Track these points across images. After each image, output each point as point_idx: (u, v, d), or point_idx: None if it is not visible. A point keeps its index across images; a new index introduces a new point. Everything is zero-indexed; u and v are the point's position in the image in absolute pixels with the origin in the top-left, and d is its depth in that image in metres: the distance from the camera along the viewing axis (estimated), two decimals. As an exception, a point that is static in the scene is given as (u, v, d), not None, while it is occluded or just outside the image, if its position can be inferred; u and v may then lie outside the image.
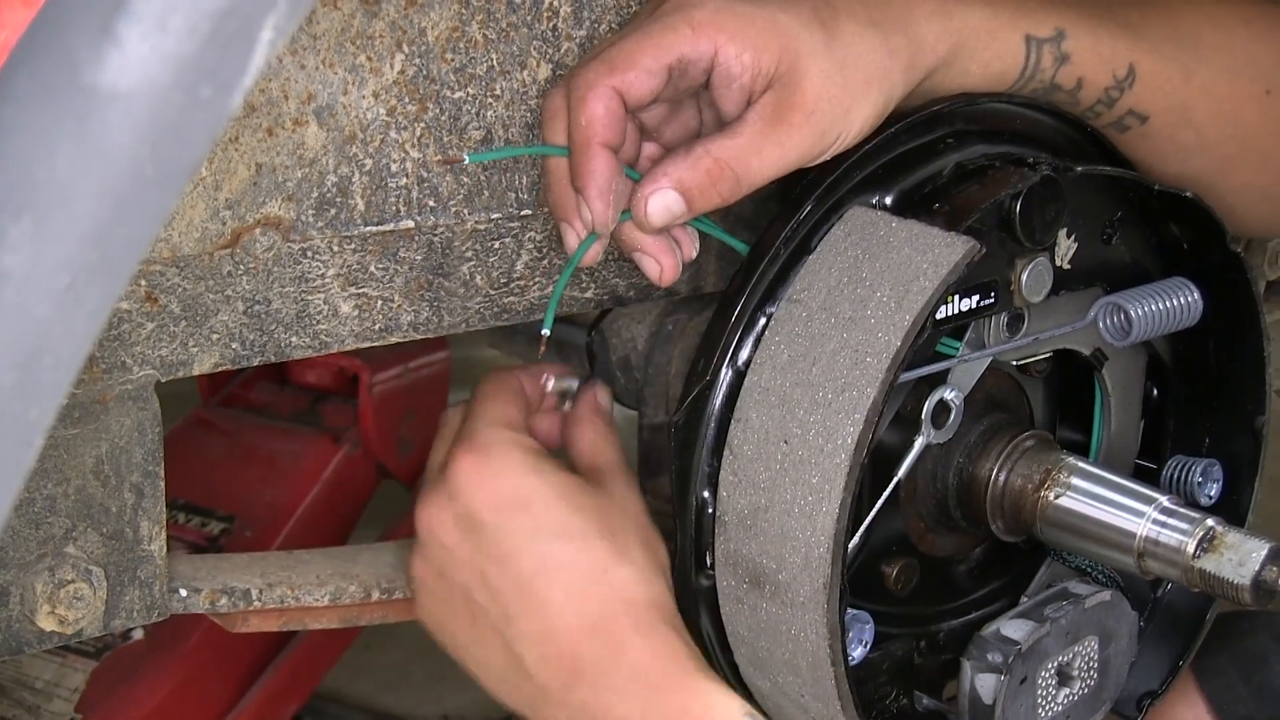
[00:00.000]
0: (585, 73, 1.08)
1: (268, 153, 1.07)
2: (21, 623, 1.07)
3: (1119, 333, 1.24)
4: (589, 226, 1.11)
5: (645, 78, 1.07)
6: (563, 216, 1.13)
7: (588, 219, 1.10)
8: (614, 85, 1.07)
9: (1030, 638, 1.19)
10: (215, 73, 0.57)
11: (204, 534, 1.92)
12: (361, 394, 2.07)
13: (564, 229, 1.14)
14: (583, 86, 1.07)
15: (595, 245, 1.13)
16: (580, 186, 1.10)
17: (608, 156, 1.08)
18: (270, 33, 0.58)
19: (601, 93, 1.07)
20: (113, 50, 0.56)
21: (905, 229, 1.11)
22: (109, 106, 0.56)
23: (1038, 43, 1.17)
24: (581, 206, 1.10)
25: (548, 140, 1.13)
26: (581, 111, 1.07)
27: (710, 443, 1.14)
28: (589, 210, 1.10)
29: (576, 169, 1.09)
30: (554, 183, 1.13)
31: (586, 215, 1.10)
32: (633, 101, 1.08)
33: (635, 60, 1.07)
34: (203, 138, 0.59)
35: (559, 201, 1.13)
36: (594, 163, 1.08)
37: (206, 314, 1.08)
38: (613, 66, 1.07)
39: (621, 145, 1.10)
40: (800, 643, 1.10)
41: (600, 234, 1.12)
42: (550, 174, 1.13)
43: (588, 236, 1.13)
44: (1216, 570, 1.13)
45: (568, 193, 1.12)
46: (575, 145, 1.09)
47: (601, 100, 1.07)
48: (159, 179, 0.58)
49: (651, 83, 1.07)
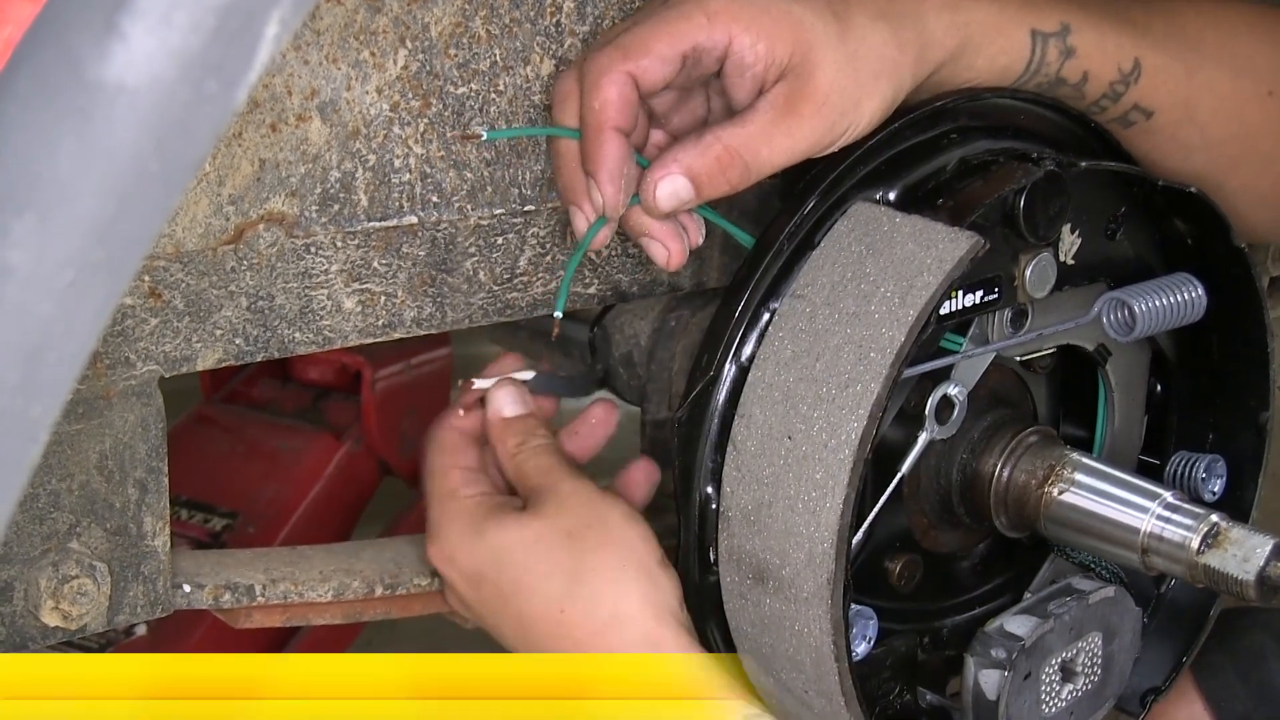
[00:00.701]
0: (600, 57, 1.08)
1: (271, 148, 1.07)
2: (25, 618, 1.07)
3: (1123, 328, 1.24)
4: (599, 210, 1.11)
5: (659, 64, 1.07)
6: (572, 200, 1.13)
7: (598, 202, 1.10)
8: (628, 70, 1.07)
9: (1034, 634, 1.19)
10: (220, 68, 0.57)
11: (207, 530, 1.91)
12: (364, 390, 2.07)
13: (573, 212, 1.14)
14: (597, 71, 1.07)
15: (604, 229, 1.13)
16: (592, 170, 1.10)
17: (620, 140, 1.08)
18: (275, 28, 0.58)
19: (616, 78, 1.07)
20: (117, 45, 0.56)
21: (909, 224, 1.11)
22: (113, 102, 0.56)
23: (1043, 37, 1.17)
24: (592, 189, 1.10)
25: (557, 122, 1.13)
26: (595, 95, 1.07)
27: (714, 438, 1.13)
28: (600, 194, 1.10)
29: (588, 152, 1.09)
30: (564, 165, 1.13)
31: (597, 198, 1.10)
32: (646, 88, 1.08)
33: (650, 47, 1.07)
34: (207, 133, 0.59)
35: (569, 184, 1.13)
36: (606, 146, 1.08)
37: (210, 310, 1.08)
38: (628, 52, 1.07)
39: (634, 130, 1.10)
40: (804, 639, 1.09)
41: (610, 218, 1.12)
42: (561, 156, 1.13)
43: (596, 220, 1.12)
44: (1221, 566, 1.12)
45: (578, 176, 1.12)
46: (588, 128, 1.09)
47: (616, 85, 1.07)
48: (163, 175, 0.58)
49: (665, 70, 1.07)
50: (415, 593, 1.25)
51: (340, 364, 2.12)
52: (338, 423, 2.10)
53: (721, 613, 1.16)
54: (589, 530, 1.16)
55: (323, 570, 1.23)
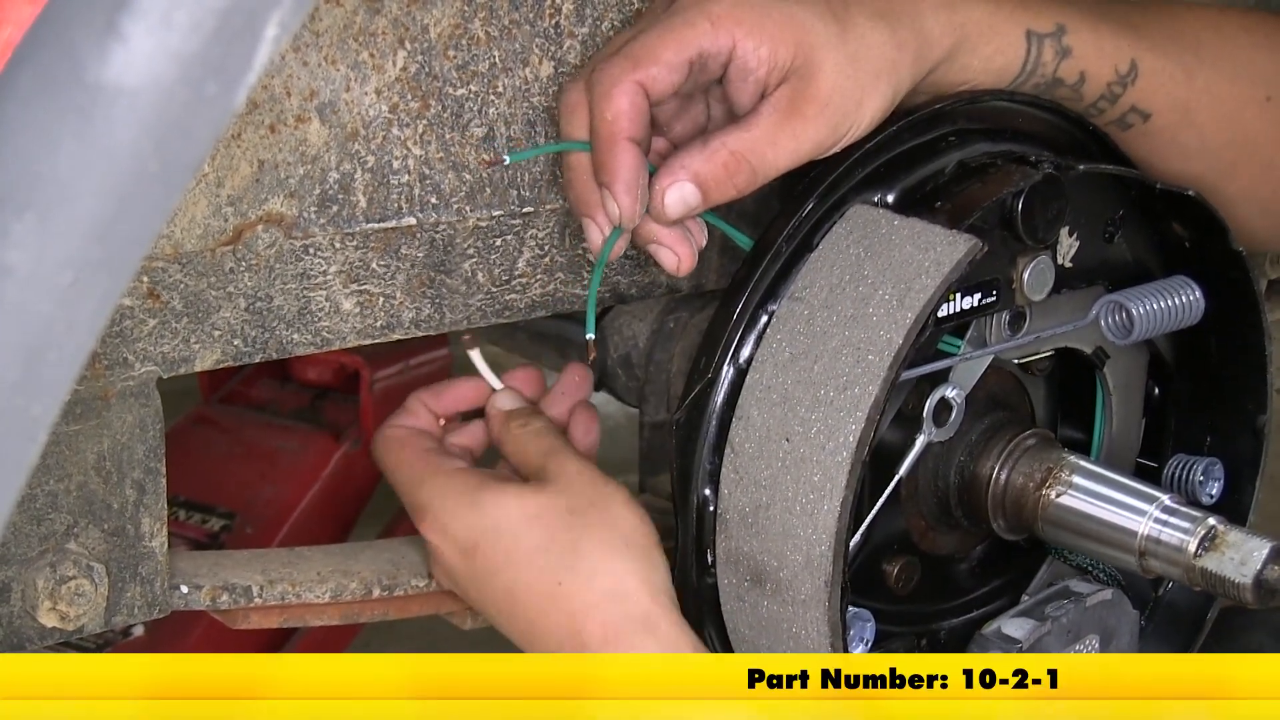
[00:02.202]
0: (609, 68, 1.08)
1: (270, 149, 1.07)
2: (23, 619, 1.07)
3: (1121, 331, 1.24)
4: (614, 221, 1.10)
5: (667, 72, 1.07)
6: (585, 212, 1.13)
7: (614, 213, 1.10)
8: (638, 80, 1.07)
9: (1031, 636, 1.19)
10: (220, 69, 0.57)
11: (205, 531, 1.92)
12: (362, 391, 2.07)
13: (587, 224, 1.13)
14: (607, 81, 1.07)
15: (620, 240, 1.13)
16: (607, 181, 1.09)
17: (635, 151, 1.08)
18: (275, 29, 0.58)
19: (627, 88, 1.07)
20: (117, 46, 0.56)
21: (907, 227, 1.11)
22: (113, 103, 0.56)
23: (1039, 38, 1.18)
24: (607, 201, 1.10)
25: (566, 134, 1.12)
26: (607, 106, 1.07)
27: (711, 440, 1.13)
28: (616, 205, 1.09)
29: (603, 164, 1.09)
30: (575, 178, 1.12)
31: (613, 209, 1.10)
32: (655, 96, 1.08)
33: (658, 55, 1.07)
34: (207, 134, 0.59)
35: (581, 197, 1.13)
36: (622, 157, 1.08)
37: (208, 310, 1.08)
38: (636, 61, 1.07)
39: (647, 140, 1.10)
40: (801, 641, 1.10)
41: (626, 228, 1.11)
42: (572, 169, 1.13)
43: (612, 232, 1.12)
44: (1218, 569, 1.13)
45: (590, 188, 1.11)
46: (601, 140, 1.09)
47: (627, 95, 1.07)
48: (163, 176, 0.58)
49: (673, 78, 1.08)
50: (413, 594, 1.25)
51: (339, 364, 2.12)
52: (336, 423, 2.10)
53: (719, 615, 1.16)
54: (591, 509, 1.16)
55: (321, 571, 1.23)
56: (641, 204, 1.09)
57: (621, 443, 1.35)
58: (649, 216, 1.11)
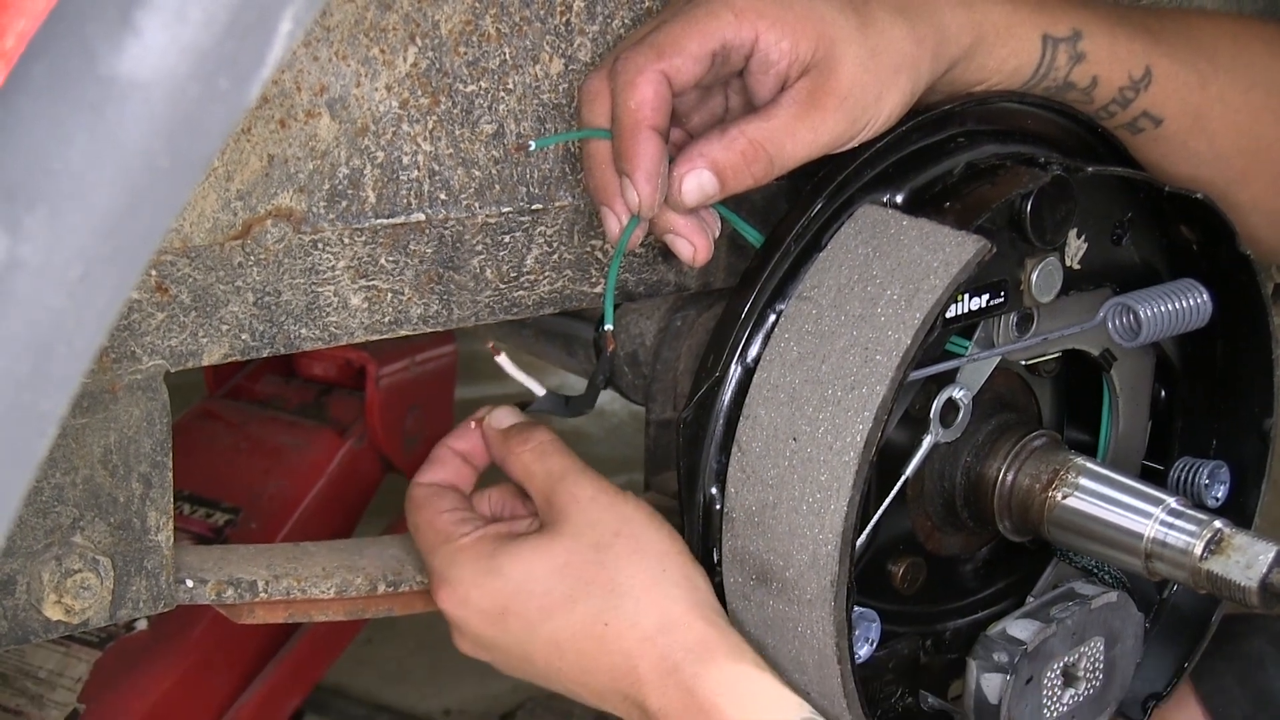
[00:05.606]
0: (634, 56, 1.08)
1: (280, 144, 1.07)
2: (28, 612, 1.07)
3: (1128, 333, 1.24)
4: (634, 209, 1.10)
5: (691, 63, 1.07)
6: (604, 200, 1.13)
7: (633, 202, 1.09)
8: (662, 69, 1.07)
9: (1036, 638, 1.19)
10: (233, 64, 0.57)
11: (209, 525, 1.91)
12: (368, 387, 2.07)
13: (604, 213, 1.13)
14: (631, 70, 1.07)
15: (638, 229, 1.13)
16: (628, 170, 1.09)
17: (657, 140, 1.08)
18: (289, 24, 0.58)
19: (651, 76, 1.07)
20: (131, 40, 0.56)
21: (916, 227, 1.11)
22: (126, 97, 0.56)
23: (1054, 41, 1.18)
24: (627, 189, 1.10)
25: (587, 122, 1.12)
26: (631, 95, 1.07)
27: (718, 439, 1.13)
28: (636, 193, 1.09)
29: (625, 152, 1.09)
30: (595, 166, 1.12)
31: (632, 198, 1.09)
32: (678, 86, 1.08)
33: (682, 46, 1.07)
34: (219, 129, 0.59)
35: (600, 185, 1.12)
36: (644, 146, 1.08)
37: (216, 305, 1.08)
38: (661, 51, 1.07)
39: (668, 130, 1.10)
40: (807, 640, 1.10)
41: (644, 217, 1.11)
42: (592, 158, 1.13)
43: (630, 221, 1.12)
44: (1224, 572, 1.12)
45: (610, 176, 1.11)
46: (624, 129, 1.09)
47: (651, 84, 1.07)
48: (174, 170, 0.58)
49: (696, 68, 1.08)
50: (418, 590, 1.25)
51: (344, 360, 2.12)
52: (341, 419, 2.10)
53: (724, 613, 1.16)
54: (618, 539, 1.14)
55: (325, 567, 1.23)
56: (661, 193, 1.09)
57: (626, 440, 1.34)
58: (666, 205, 1.11)
